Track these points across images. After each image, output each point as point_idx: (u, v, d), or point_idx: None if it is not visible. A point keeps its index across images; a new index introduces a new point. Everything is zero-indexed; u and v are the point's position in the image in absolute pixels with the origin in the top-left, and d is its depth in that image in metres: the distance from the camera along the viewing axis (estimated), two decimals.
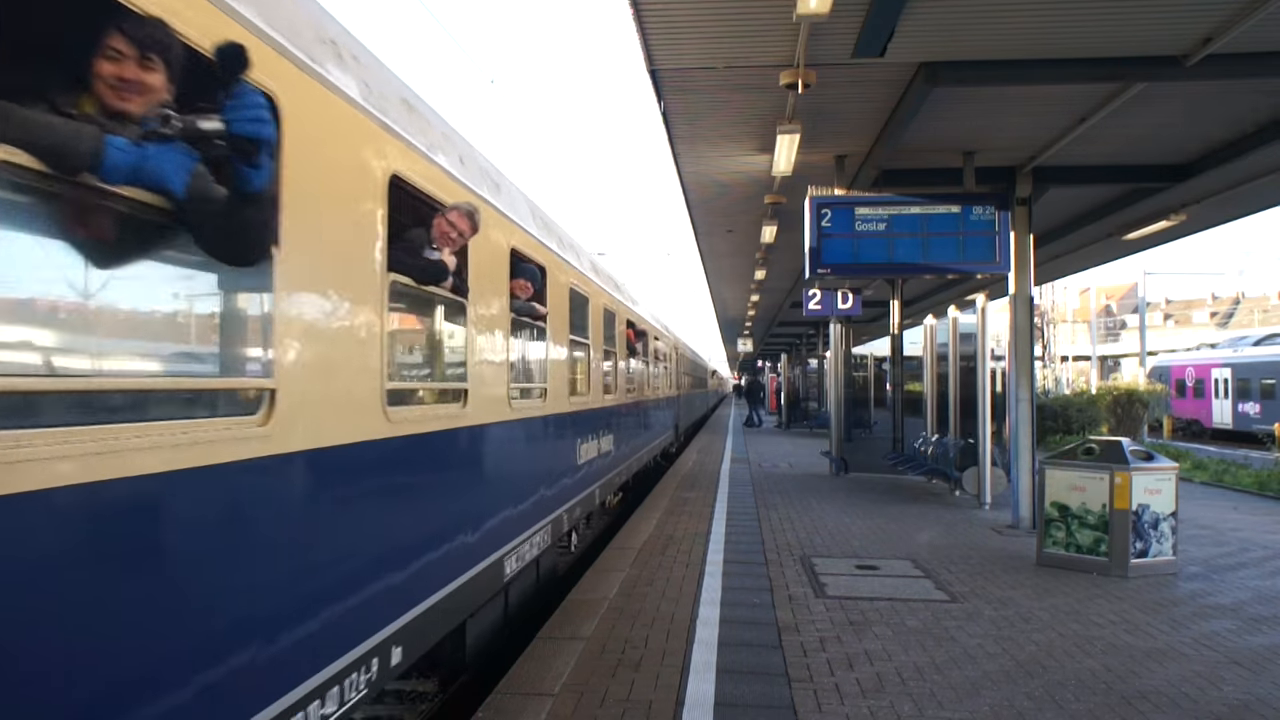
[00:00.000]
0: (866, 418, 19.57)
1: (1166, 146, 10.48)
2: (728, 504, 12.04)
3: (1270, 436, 28.44)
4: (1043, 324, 46.45)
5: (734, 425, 33.66)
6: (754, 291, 25.23)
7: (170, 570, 2.39)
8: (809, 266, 10.74)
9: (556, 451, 7.26)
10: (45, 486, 1.94)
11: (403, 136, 3.94)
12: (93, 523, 2.12)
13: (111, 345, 2.60)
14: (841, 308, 15.37)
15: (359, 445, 3.46)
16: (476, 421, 5.03)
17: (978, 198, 10.55)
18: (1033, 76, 8.07)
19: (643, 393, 13.58)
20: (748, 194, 13.30)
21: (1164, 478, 7.89)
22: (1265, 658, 5.53)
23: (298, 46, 3.02)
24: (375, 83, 3.78)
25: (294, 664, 2.92)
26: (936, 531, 9.97)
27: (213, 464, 2.49)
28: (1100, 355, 54.83)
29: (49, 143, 1.97)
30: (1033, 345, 10.86)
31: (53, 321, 2.34)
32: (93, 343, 2.47)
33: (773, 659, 5.34)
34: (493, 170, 5.80)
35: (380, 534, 3.68)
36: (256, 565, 2.75)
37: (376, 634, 3.56)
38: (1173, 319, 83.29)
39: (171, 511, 2.38)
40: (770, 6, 6.78)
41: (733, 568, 7.89)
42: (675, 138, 10.47)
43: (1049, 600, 6.91)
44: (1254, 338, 37.59)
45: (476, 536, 4.96)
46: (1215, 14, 6.82)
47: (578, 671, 5.11)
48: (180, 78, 2.32)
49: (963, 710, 4.57)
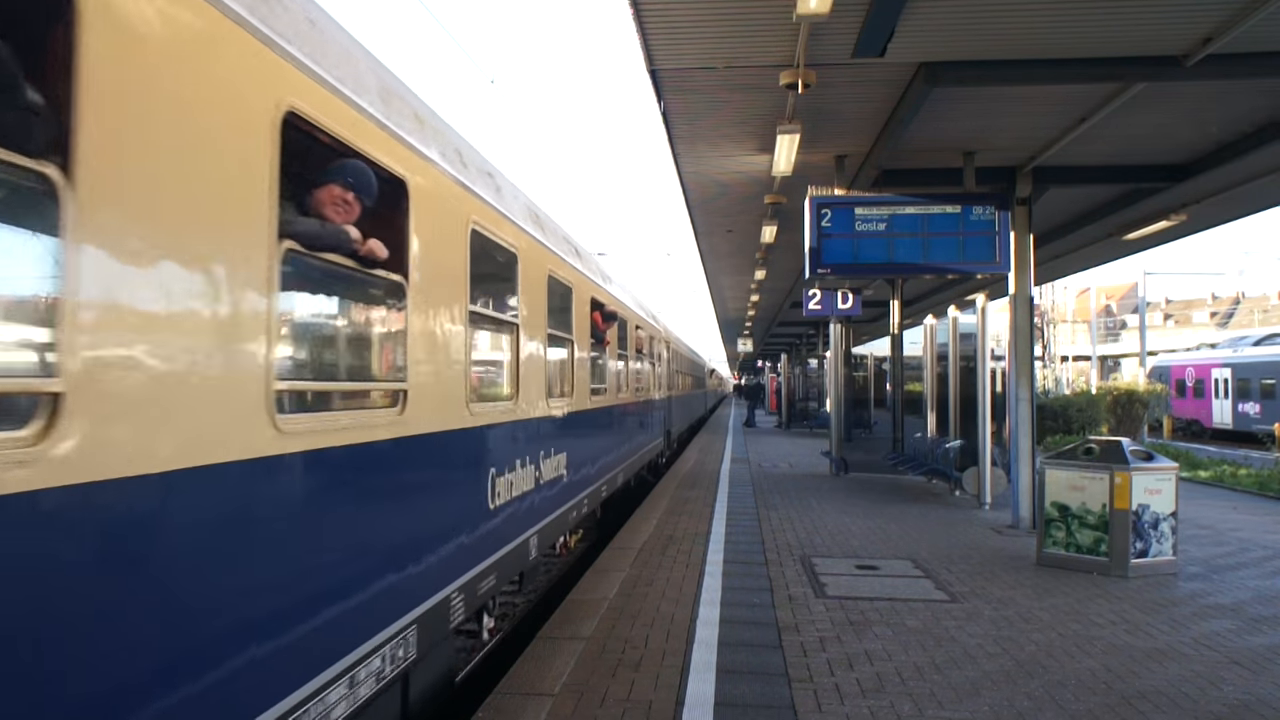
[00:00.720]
0: (866, 418, 19.60)
1: (1166, 146, 10.48)
2: (728, 504, 12.04)
3: (1270, 436, 28.45)
4: (1043, 324, 46.45)
5: (734, 425, 33.67)
6: (754, 291, 25.22)
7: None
8: (809, 266, 10.74)
9: (439, 494, 4.54)
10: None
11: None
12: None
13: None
14: (841, 308, 15.37)
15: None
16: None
17: (978, 198, 10.55)
18: (1033, 76, 8.07)
19: (617, 396, 10.84)
20: (748, 194, 13.30)
21: (1164, 478, 7.89)
22: (1265, 658, 5.53)
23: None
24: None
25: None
26: (937, 531, 9.97)
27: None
28: (1100, 355, 54.84)
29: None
30: (1033, 345, 10.86)
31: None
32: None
33: (773, 659, 5.34)
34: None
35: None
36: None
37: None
38: (1173, 319, 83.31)
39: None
40: (770, 6, 6.77)
41: (733, 568, 7.89)
42: (675, 138, 10.47)
43: (1049, 600, 6.90)
44: (1254, 338, 37.61)
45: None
46: (1215, 14, 6.82)
47: (578, 671, 5.11)
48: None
49: (963, 710, 4.57)
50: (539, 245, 6.57)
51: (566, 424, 7.51)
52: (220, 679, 2.59)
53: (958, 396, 12.71)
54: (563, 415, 7.36)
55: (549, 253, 6.91)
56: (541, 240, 6.65)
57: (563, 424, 7.35)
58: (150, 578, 2.31)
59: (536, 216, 6.81)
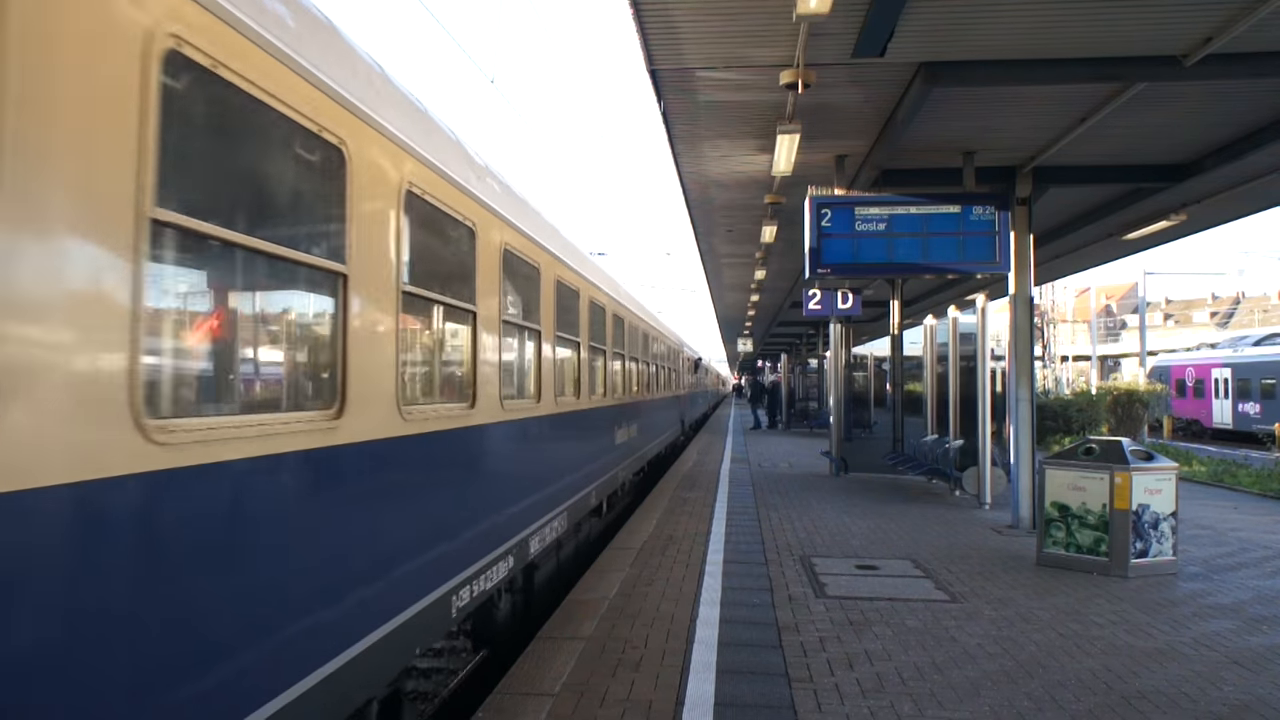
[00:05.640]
0: (866, 418, 19.58)
1: (1166, 146, 10.48)
2: (728, 504, 12.04)
3: (1270, 436, 28.49)
4: (1043, 324, 46.46)
5: (734, 426, 33.65)
6: (754, 291, 25.22)
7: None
8: (809, 266, 10.74)
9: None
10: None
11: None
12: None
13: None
14: (841, 308, 15.36)
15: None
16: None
17: (978, 198, 10.55)
18: (1033, 76, 8.07)
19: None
20: (748, 194, 13.31)
21: (1164, 478, 7.89)
22: (1265, 658, 5.52)
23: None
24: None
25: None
26: (936, 531, 9.96)
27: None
28: (1100, 355, 54.84)
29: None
30: (1033, 345, 10.87)
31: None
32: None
33: (773, 659, 5.34)
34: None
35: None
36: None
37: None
38: (1173, 319, 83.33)
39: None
40: (770, 6, 6.78)
41: (733, 568, 7.89)
42: (675, 138, 10.47)
43: (1049, 600, 6.90)
44: (1254, 338, 37.62)
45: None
46: (1215, 14, 6.82)
47: (578, 671, 5.11)
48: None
49: (963, 710, 4.57)
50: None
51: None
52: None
53: (958, 396, 12.71)
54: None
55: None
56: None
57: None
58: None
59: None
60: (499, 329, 5.57)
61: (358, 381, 3.51)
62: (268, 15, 2.93)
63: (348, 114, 3.46)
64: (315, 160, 3.32)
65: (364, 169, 3.57)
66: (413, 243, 4.18)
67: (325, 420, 3.29)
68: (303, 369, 3.65)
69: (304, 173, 3.32)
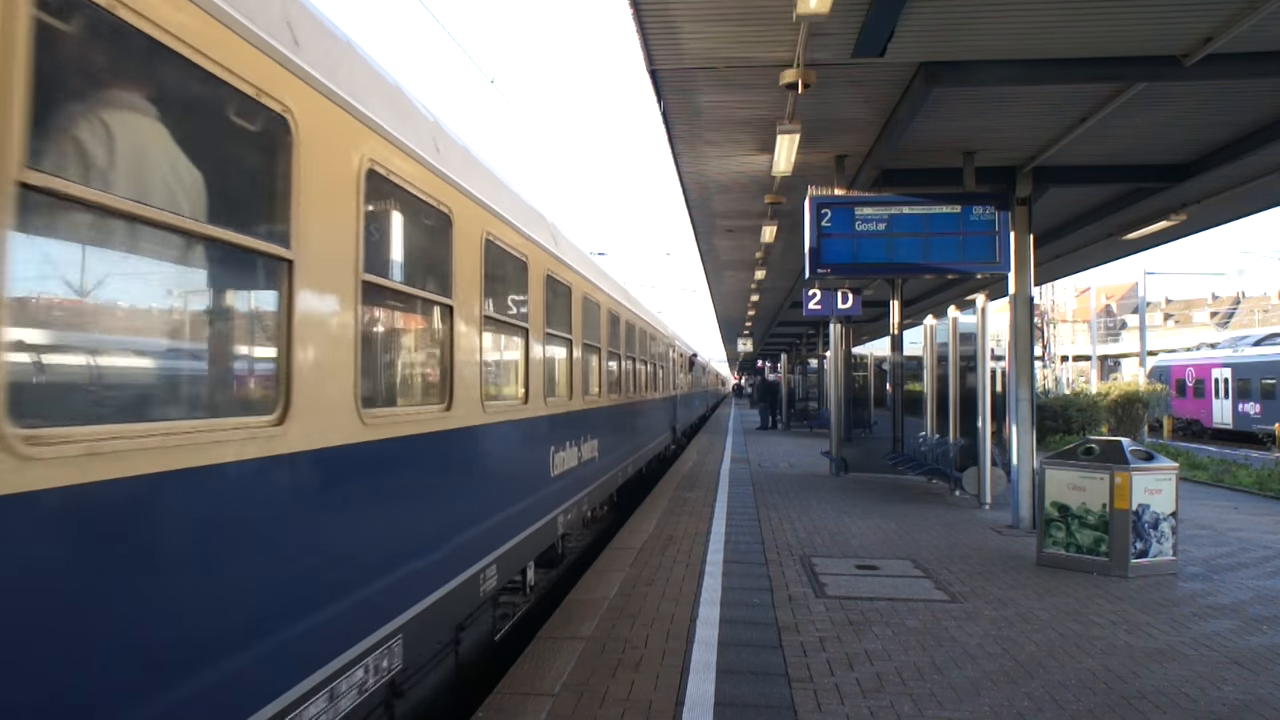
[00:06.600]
0: (866, 418, 19.58)
1: (1166, 146, 10.48)
2: (728, 504, 12.04)
3: (1270, 436, 28.48)
4: (1043, 324, 46.46)
5: (734, 426, 33.64)
6: (754, 291, 25.23)
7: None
8: (809, 266, 10.74)
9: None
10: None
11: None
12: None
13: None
14: (841, 308, 15.36)
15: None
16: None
17: (978, 198, 10.55)
18: (1033, 76, 8.07)
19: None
20: (748, 194, 13.31)
21: (1164, 478, 7.89)
22: (1265, 658, 5.52)
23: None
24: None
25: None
26: (936, 531, 9.96)
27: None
28: (1100, 355, 54.83)
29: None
30: (1033, 345, 10.87)
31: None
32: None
33: (773, 659, 5.34)
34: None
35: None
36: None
37: None
38: (1173, 319, 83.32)
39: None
40: (770, 6, 6.77)
41: (733, 568, 7.88)
42: (675, 138, 10.47)
43: (1049, 600, 6.90)
44: (1254, 338, 37.63)
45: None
46: (1215, 14, 6.82)
47: (578, 671, 5.11)
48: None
49: (963, 710, 4.57)
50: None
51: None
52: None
53: (958, 396, 12.71)
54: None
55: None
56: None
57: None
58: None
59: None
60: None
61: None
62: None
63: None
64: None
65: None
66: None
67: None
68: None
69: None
